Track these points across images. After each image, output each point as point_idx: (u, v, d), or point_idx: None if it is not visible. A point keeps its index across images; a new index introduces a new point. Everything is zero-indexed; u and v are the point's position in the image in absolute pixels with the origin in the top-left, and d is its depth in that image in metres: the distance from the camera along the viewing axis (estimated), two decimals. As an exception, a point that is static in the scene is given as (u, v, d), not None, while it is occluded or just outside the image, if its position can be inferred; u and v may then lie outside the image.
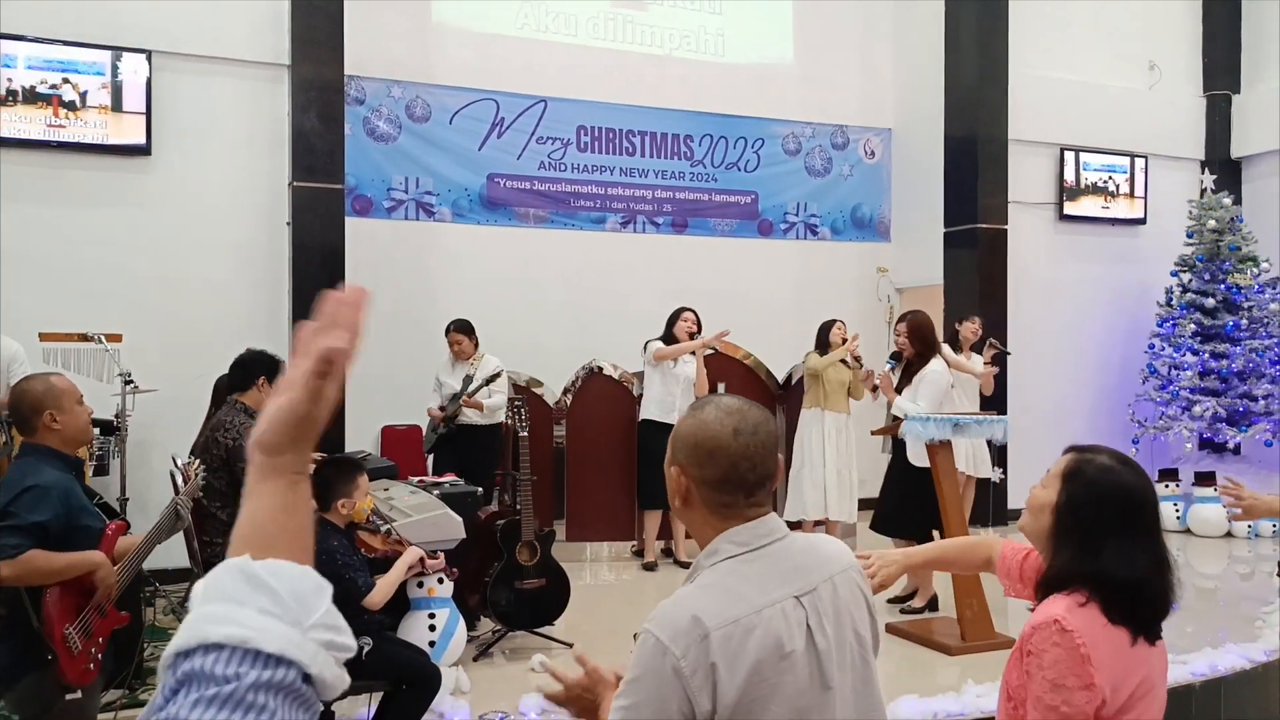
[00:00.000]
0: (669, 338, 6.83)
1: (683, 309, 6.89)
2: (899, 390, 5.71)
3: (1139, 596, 1.95)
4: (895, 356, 6.01)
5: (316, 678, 0.78)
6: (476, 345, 6.81)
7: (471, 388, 6.63)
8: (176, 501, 3.41)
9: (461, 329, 6.79)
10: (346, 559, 3.51)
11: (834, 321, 7.10)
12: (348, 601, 3.47)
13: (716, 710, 1.52)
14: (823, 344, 6.94)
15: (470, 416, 6.68)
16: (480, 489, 5.56)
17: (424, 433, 7.09)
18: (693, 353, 6.78)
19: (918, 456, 5.48)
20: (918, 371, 5.69)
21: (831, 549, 1.79)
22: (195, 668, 0.74)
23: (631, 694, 1.55)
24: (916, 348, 5.75)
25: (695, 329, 6.80)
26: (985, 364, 7.63)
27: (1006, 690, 2.04)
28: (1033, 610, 2.05)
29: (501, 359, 6.95)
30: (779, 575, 1.65)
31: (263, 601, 0.78)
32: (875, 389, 6.14)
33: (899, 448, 5.73)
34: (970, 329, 7.61)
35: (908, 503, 5.59)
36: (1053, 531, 2.04)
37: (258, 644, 0.75)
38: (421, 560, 3.85)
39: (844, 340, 6.96)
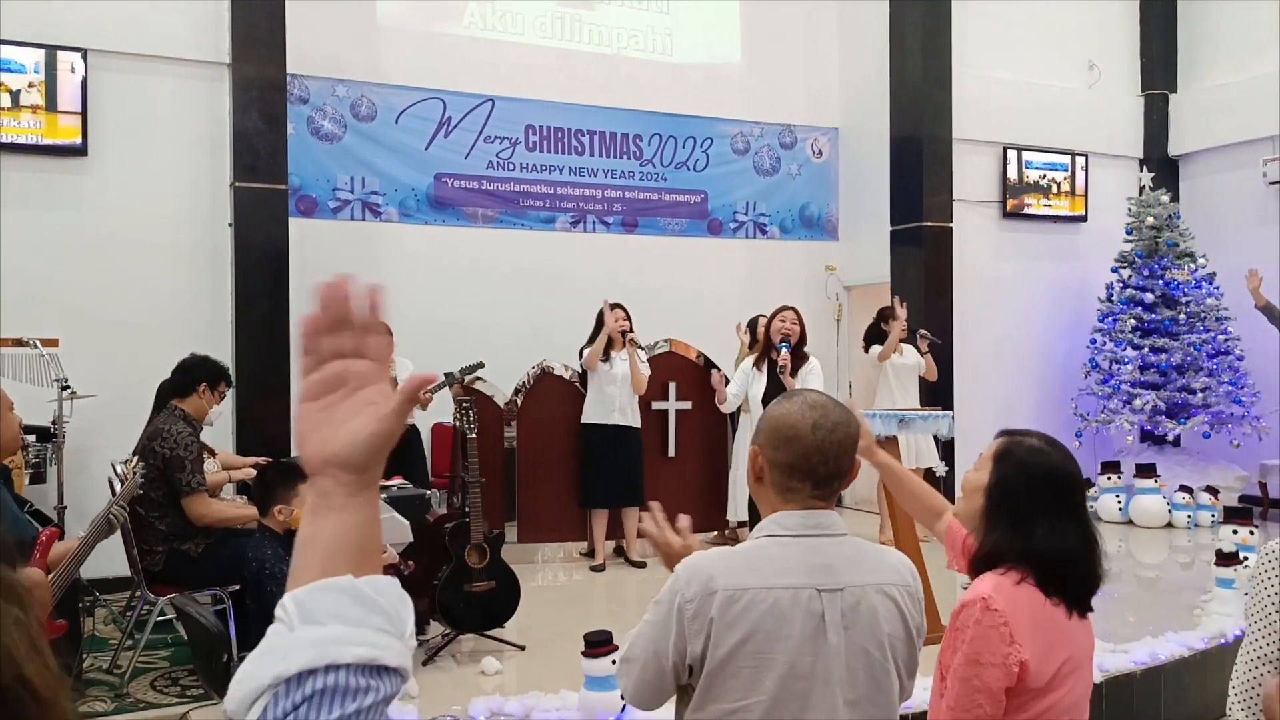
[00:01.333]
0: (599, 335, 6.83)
1: (612, 306, 6.86)
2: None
3: (1072, 571, 2.03)
4: (785, 341, 6.17)
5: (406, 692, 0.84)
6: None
7: (432, 388, 6.57)
8: (111, 506, 3.34)
9: (387, 331, 6.71)
10: (274, 569, 3.44)
11: (776, 312, 7.18)
12: (268, 615, 3.41)
13: (706, 657, 1.72)
14: (755, 341, 7.01)
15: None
16: (426, 492, 5.51)
17: None
18: (624, 348, 6.76)
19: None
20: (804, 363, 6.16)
21: (885, 562, 1.86)
22: (327, 685, 0.76)
23: (653, 612, 1.80)
24: (802, 341, 6.25)
25: (626, 325, 6.78)
26: (923, 353, 7.69)
27: (940, 669, 2.11)
28: (966, 588, 2.10)
29: (451, 360, 6.89)
30: (807, 565, 1.77)
31: (377, 620, 0.82)
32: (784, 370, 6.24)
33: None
34: (898, 325, 7.66)
35: None
36: (984, 511, 2.11)
37: (383, 660, 0.80)
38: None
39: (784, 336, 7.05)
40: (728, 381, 6.81)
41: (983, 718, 1.96)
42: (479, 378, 6.60)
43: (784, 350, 6.11)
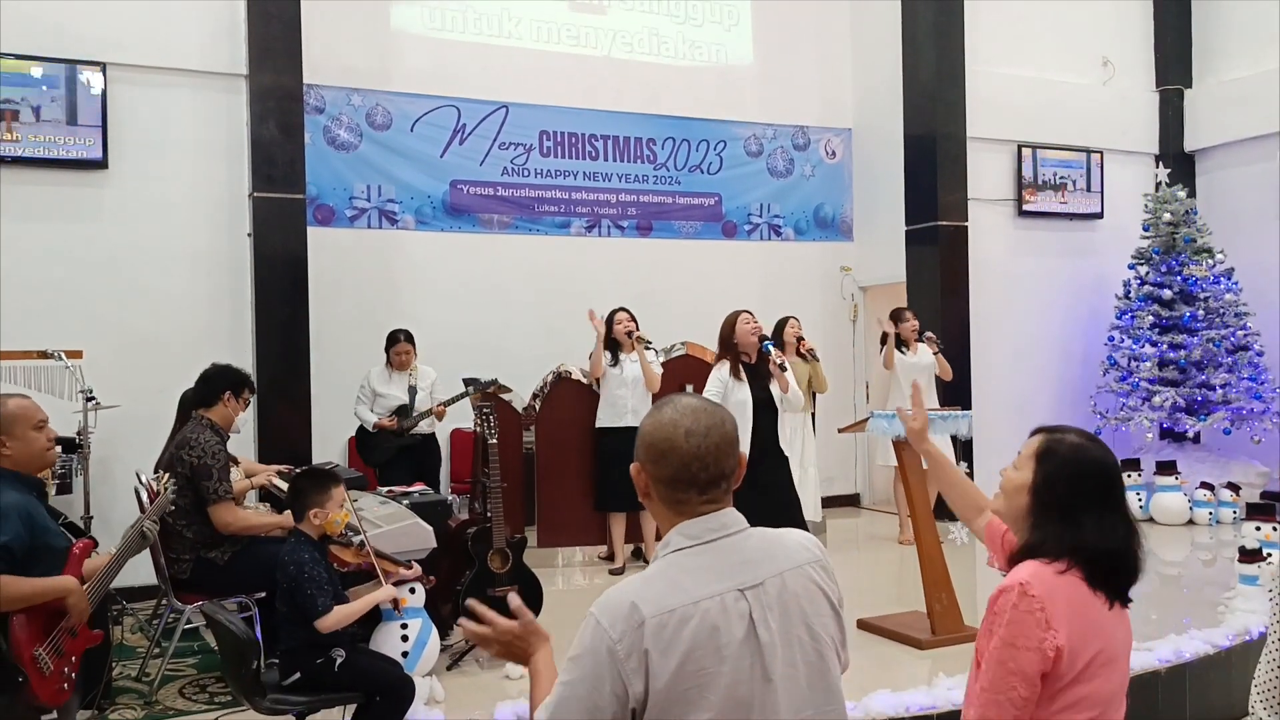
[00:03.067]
0: (608, 342, 6.84)
1: (615, 311, 6.89)
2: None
3: (1121, 564, 2.04)
4: (767, 340, 5.95)
5: None
6: (415, 353, 6.84)
7: (446, 399, 6.63)
8: (143, 522, 3.38)
9: (411, 340, 6.80)
10: (313, 573, 3.48)
11: (788, 319, 7.19)
12: (303, 618, 3.45)
13: (649, 693, 1.61)
14: (778, 342, 6.97)
15: (420, 425, 6.71)
16: (447, 498, 5.55)
17: (359, 445, 6.96)
18: (629, 351, 6.77)
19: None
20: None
21: (791, 543, 1.83)
22: None
23: (572, 670, 1.65)
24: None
25: (632, 326, 6.80)
26: (934, 353, 7.67)
27: (977, 657, 2.12)
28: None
29: (469, 366, 6.94)
30: (724, 568, 1.71)
31: None
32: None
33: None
34: (908, 327, 7.66)
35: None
36: (1030, 510, 2.12)
37: None
38: (396, 603, 3.84)
39: (798, 338, 7.04)
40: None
41: (1016, 700, 1.97)
42: (500, 385, 6.65)
43: (771, 349, 5.89)
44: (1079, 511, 2.06)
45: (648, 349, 6.86)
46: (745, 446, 5.64)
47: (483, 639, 1.91)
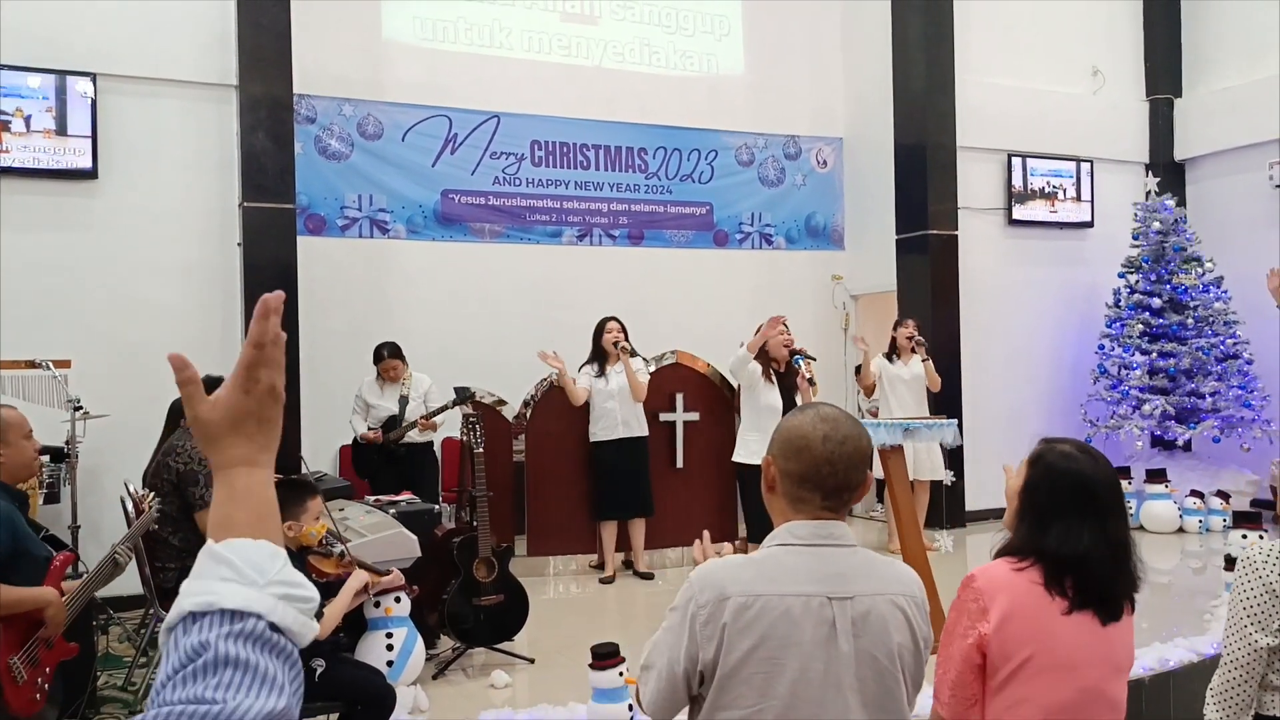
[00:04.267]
0: (598, 352, 6.86)
1: (606, 320, 6.91)
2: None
3: (1082, 572, 2.07)
4: (798, 354, 6.17)
5: (283, 625, 0.92)
6: (406, 364, 6.84)
7: (431, 410, 6.63)
8: (115, 549, 3.38)
9: (396, 354, 6.78)
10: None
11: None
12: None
13: (720, 664, 1.75)
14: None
15: (411, 436, 6.71)
16: (435, 507, 5.55)
17: (353, 456, 6.96)
18: (614, 362, 6.79)
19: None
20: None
21: (892, 573, 1.90)
22: (192, 641, 0.89)
23: (669, 619, 1.84)
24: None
25: (621, 336, 6.82)
26: (923, 361, 7.69)
27: None
28: None
29: (460, 375, 6.95)
30: (819, 574, 1.80)
31: (223, 571, 0.93)
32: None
33: None
34: (904, 333, 7.68)
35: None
36: (1017, 513, 2.22)
37: (220, 604, 0.90)
38: (366, 586, 3.83)
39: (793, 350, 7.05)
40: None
41: (948, 681, 2.12)
42: (493, 395, 6.67)
43: (800, 363, 6.12)
44: (1050, 517, 2.12)
45: (633, 355, 6.86)
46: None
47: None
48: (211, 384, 3.39)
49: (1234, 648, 2.36)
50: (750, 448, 6.05)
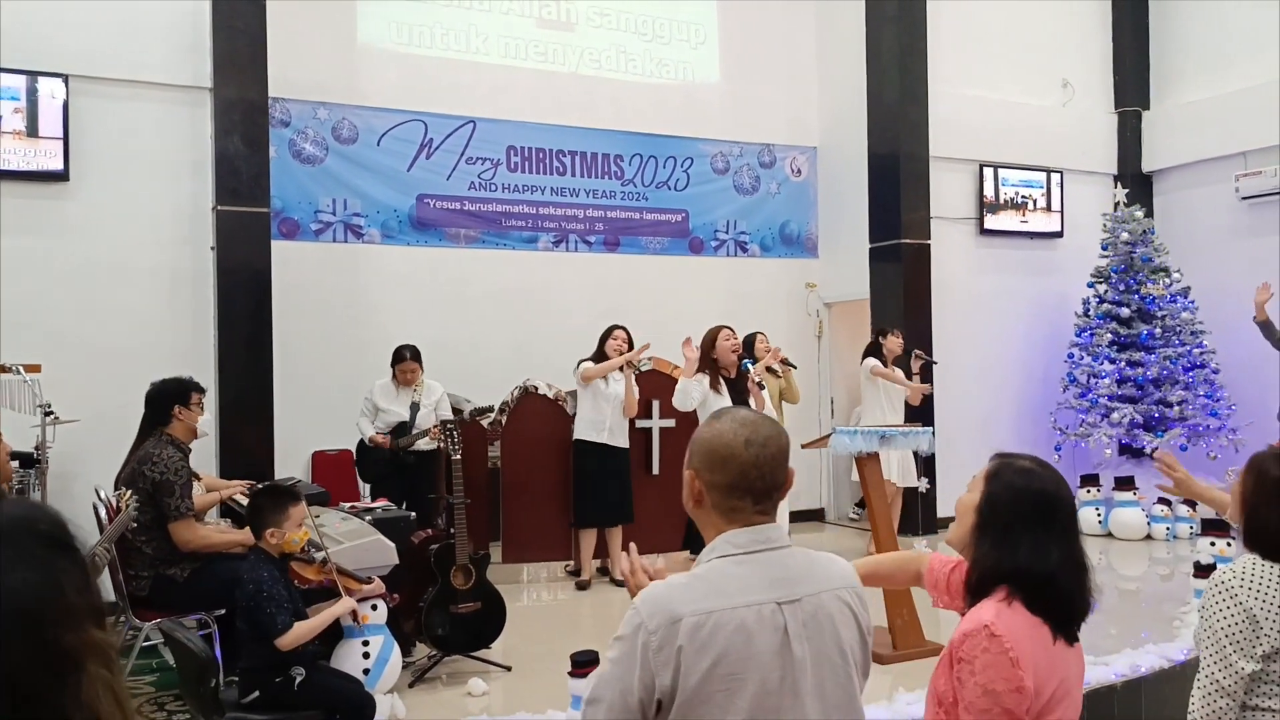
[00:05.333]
0: (600, 356, 6.86)
1: (614, 327, 6.94)
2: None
3: (1054, 590, 2.05)
4: (746, 360, 6.20)
5: None
6: (423, 369, 6.76)
7: (434, 425, 6.49)
8: (96, 547, 3.34)
9: (417, 357, 6.68)
10: (272, 591, 3.46)
11: (757, 334, 7.26)
12: (263, 636, 3.43)
13: (678, 689, 1.67)
14: (752, 355, 7.04)
15: (421, 444, 6.63)
16: (414, 514, 5.52)
17: (358, 459, 6.92)
18: (621, 370, 6.81)
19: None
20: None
21: (832, 568, 1.89)
22: None
23: (613, 649, 1.74)
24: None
25: (626, 347, 6.84)
26: (914, 373, 7.78)
27: (935, 696, 2.11)
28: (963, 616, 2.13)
29: (435, 380, 6.92)
30: (765, 580, 1.76)
31: None
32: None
33: None
34: (895, 342, 7.76)
35: None
36: (974, 528, 2.15)
37: None
38: (354, 614, 3.82)
39: (768, 351, 7.10)
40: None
41: None
42: (474, 405, 6.64)
43: (750, 367, 6.14)
44: (1015, 533, 2.08)
45: (634, 373, 6.89)
46: None
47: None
48: (181, 386, 3.38)
49: (1216, 675, 2.35)
50: None
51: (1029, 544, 2.06)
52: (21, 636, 0.92)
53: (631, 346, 6.85)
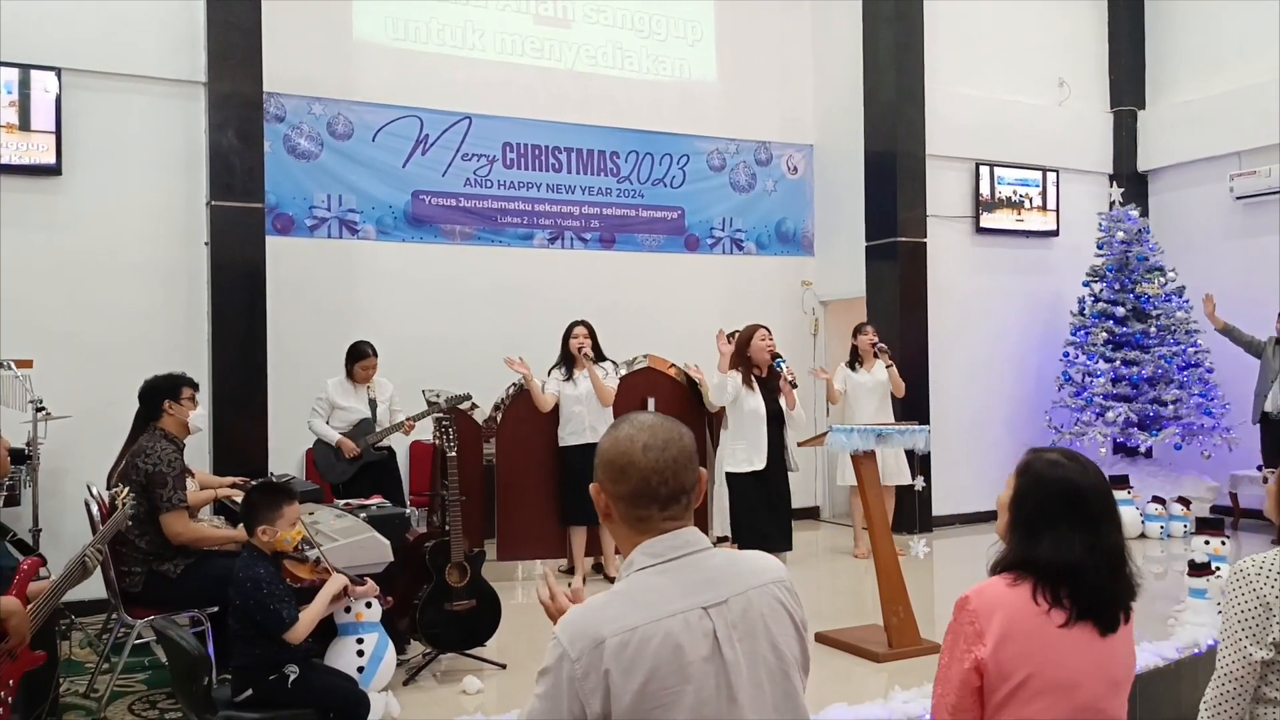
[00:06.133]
0: (565, 356, 6.84)
1: (574, 324, 6.87)
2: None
3: (1076, 582, 2.07)
4: (779, 358, 6.20)
5: None
6: None
7: (417, 414, 6.49)
8: (85, 550, 3.32)
9: (376, 353, 6.67)
10: (272, 588, 3.45)
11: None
12: (270, 632, 3.41)
13: (611, 713, 1.59)
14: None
15: (387, 441, 6.62)
16: (405, 511, 5.50)
17: (317, 461, 6.74)
18: (580, 368, 6.77)
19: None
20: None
21: (756, 564, 1.82)
22: None
23: (539, 685, 1.65)
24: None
25: (587, 342, 6.79)
26: (886, 366, 7.75)
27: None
28: None
29: (429, 377, 6.89)
30: (687, 586, 1.69)
31: None
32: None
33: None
34: (865, 340, 7.74)
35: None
36: (1009, 524, 2.20)
37: None
38: (345, 589, 3.79)
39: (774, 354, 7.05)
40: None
41: (946, 705, 2.10)
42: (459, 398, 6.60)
43: (784, 365, 6.13)
44: (1040, 526, 2.11)
45: (600, 364, 6.83)
46: (760, 457, 5.86)
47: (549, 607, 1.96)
48: (172, 381, 3.36)
49: (1228, 661, 2.35)
50: (737, 456, 5.99)
51: (1052, 536, 2.09)
52: None
53: (595, 341, 6.80)
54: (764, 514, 5.89)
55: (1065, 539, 2.08)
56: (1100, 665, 2.10)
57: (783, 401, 6.03)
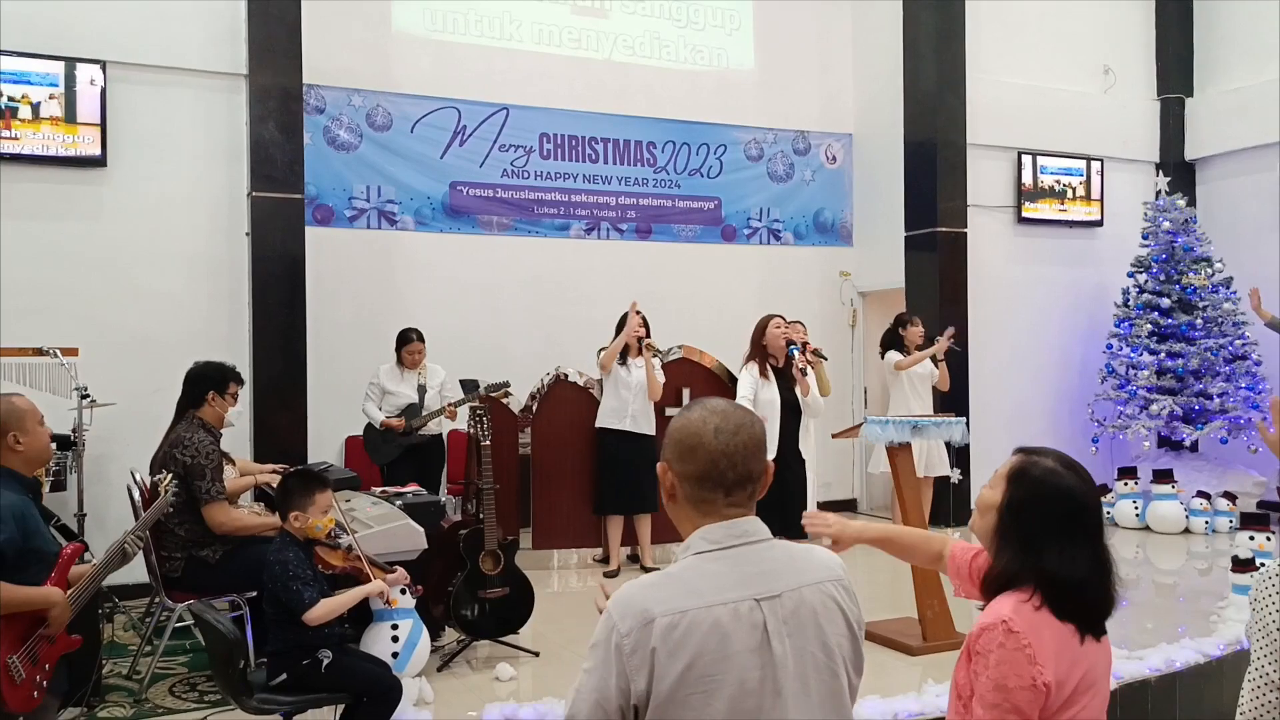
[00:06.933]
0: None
1: (632, 312, 6.88)
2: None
3: (1082, 596, 2.00)
4: (793, 345, 6.18)
5: None
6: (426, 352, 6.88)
7: (450, 400, 6.61)
8: (126, 537, 3.37)
9: (422, 338, 6.83)
10: (298, 571, 3.48)
11: (795, 323, 7.16)
12: (291, 612, 3.46)
13: (652, 692, 1.60)
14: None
15: (430, 426, 6.71)
16: (440, 498, 5.56)
17: (366, 443, 6.92)
18: (640, 355, 6.77)
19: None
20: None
21: (815, 560, 1.81)
22: None
23: (589, 658, 1.67)
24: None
25: (643, 332, 6.80)
26: (937, 362, 7.69)
27: (955, 690, 2.07)
28: (982, 609, 2.09)
29: (467, 367, 6.95)
30: (742, 576, 1.69)
31: None
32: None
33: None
34: (915, 332, 7.68)
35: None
36: (996, 530, 2.09)
37: None
38: (382, 594, 3.83)
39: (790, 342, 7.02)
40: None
41: None
42: (499, 386, 6.65)
43: (796, 353, 6.10)
44: (1041, 539, 2.01)
45: (655, 356, 6.86)
46: (772, 446, 5.76)
47: None
48: (223, 374, 3.42)
49: (1265, 667, 2.28)
50: None
51: (1055, 551, 1.99)
52: None
53: (648, 330, 6.81)
54: (778, 504, 5.84)
55: (1070, 553, 1.99)
56: (1107, 659, 2.08)
57: (798, 392, 6.01)
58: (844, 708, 1.75)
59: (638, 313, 6.81)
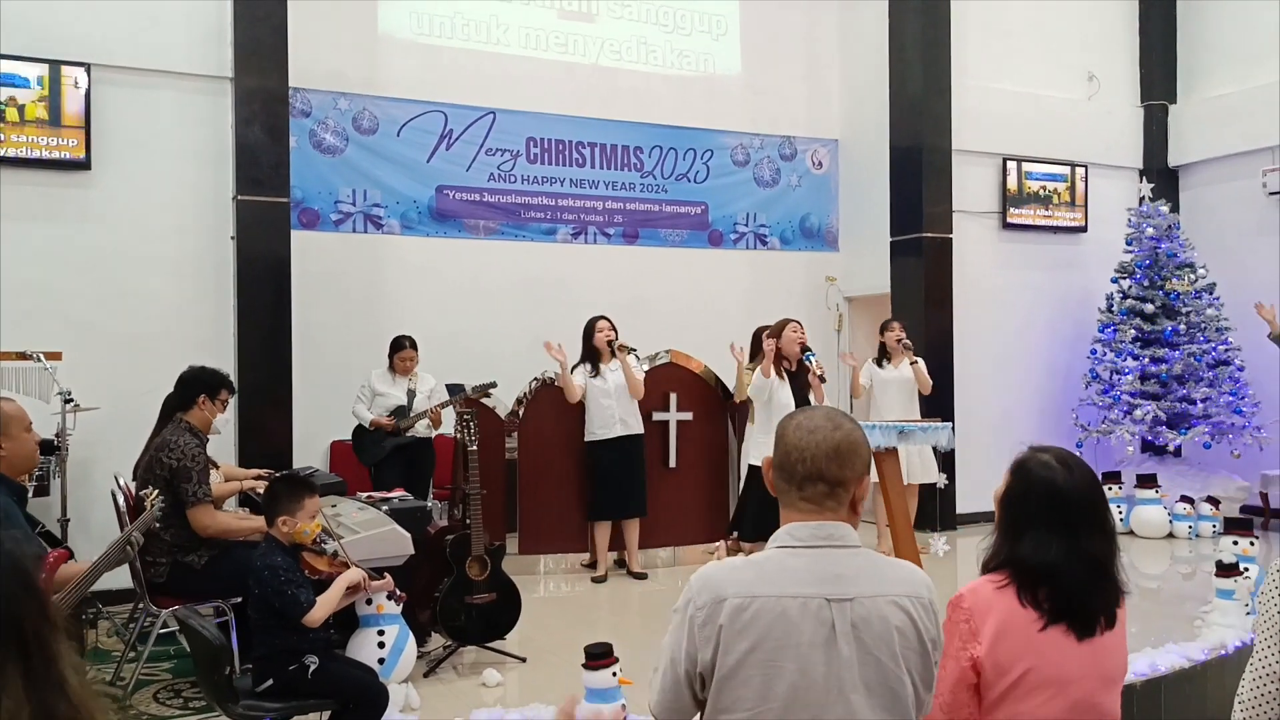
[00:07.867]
0: (589, 351, 6.85)
1: (597, 319, 6.89)
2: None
3: (1053, 584, 2.08)
4: (809, 351, 6.26)
5: None
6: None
7: (438, 402, 6.61)
8: (129, 535, 3.35)
9: (414, 345, 6.81)
10: (290, 575, 3.47)
11: (765, 328, 7.17)
12: (288, 618, 3.44)
13: (717, 664, 1.75)
14: (757, 353, 6.94)
15: (417, 429, 6.70)
16: (427, 503, 5.54)
17: (355, 444, 6.90)
18: (608, 361, 6.78)
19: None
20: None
21: (900, 574, 1.87)
22: None
23: (673, 619, 1.85)
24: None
25: (612, 335, 6.80)
26: (912, 363, 7.69)
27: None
28: None
29: (453, 371, 6.93)
30: (817, 575, 1.78)
31: None
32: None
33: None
34: (892, 336, 7.67)
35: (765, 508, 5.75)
36: (996, 521, 2.25)
37: None
38: (362, 581, 3.81)
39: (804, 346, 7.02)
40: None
41: (946, 703, 2.11)
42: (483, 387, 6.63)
43: (813, 359, 6.15)
44: (1021, 525, 2.14)
45: (630, 353, 6.86)
46: None
47: None
48: (216, 380, 3.39)
49: (1267, 657, 2.32)
50: (761, 450, 6.04)
51: (1031, 537, 2.12)
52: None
53: (616, 333, 6.81)
54: (773, 511, 5.87)
55: (1044, 541, 2.11)
56: (1094, 662, 2.12)
57: (812, 396, 6.05)
58: (907, 716, 1.80)
59: (601, 319, 6.83)
